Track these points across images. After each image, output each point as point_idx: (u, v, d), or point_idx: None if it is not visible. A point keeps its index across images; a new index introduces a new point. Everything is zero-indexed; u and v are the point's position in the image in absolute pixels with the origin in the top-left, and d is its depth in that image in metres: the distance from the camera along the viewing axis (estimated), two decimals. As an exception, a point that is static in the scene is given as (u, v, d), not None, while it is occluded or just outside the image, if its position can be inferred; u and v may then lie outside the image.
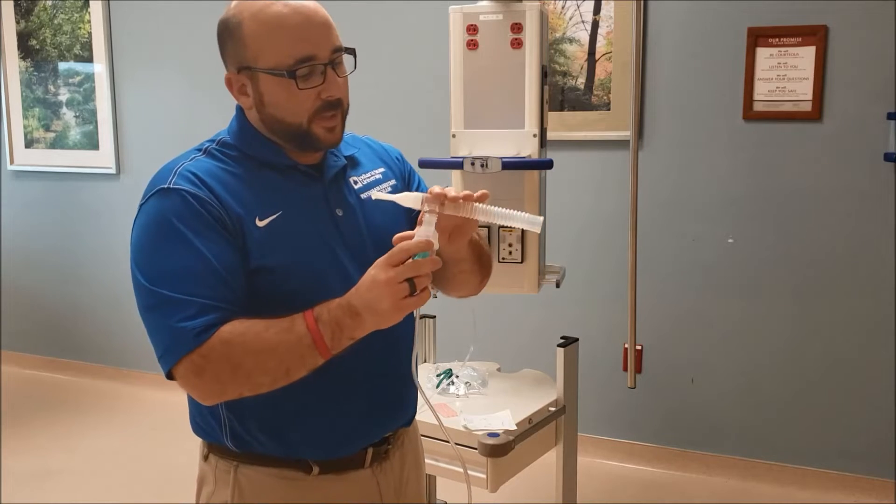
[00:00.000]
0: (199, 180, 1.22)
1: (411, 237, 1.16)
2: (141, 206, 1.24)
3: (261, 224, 1.23)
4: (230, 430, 1.31)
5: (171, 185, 1.21)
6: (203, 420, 1.35)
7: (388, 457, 1.40)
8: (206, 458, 1.38)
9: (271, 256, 1.23)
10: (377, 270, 1.13)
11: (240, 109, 1.33)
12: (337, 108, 1.27)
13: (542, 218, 1.21)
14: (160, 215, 1.21)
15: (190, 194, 1.20)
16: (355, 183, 1.37)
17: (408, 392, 1.43)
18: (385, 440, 1.40)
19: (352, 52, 1.29)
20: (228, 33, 1.25)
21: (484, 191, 1.21)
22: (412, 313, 1.18)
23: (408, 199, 1.21)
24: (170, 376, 1.19)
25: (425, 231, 1.17)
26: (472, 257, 1.38)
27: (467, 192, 1.20)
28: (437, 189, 1.19)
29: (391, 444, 1.41)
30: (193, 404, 1.35)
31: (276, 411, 1.29)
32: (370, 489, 1.38)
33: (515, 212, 1.20)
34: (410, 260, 1.12)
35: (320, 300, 1.19)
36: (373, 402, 1.35)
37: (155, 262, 1.19)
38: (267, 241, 1.23)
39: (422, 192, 1.21)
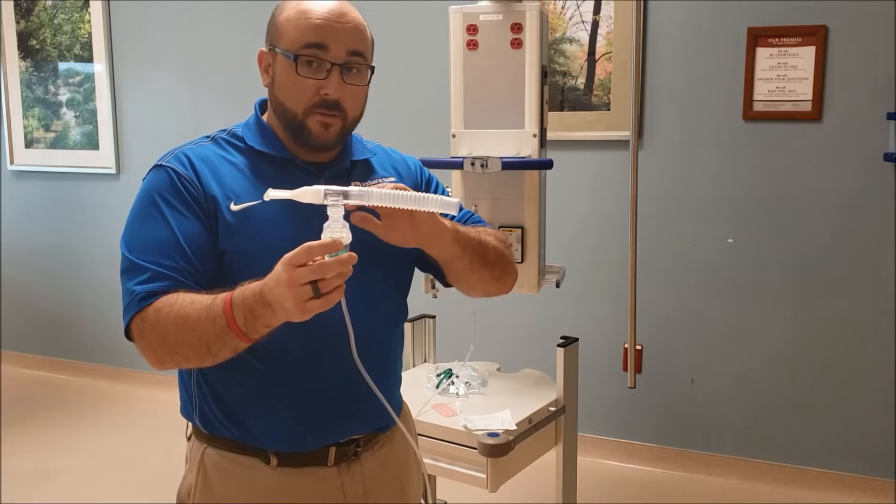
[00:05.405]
0: (188, 161, 1.30)
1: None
2: (142, 180, 1.33)
3: (234, 208, 1.27)
4: (199, 411, 1.36)
5: (164, 163, 1.31)
6: (183, 400, 1.40)
7: (357, 458, 1.39)
8: (188, 437, 1.43)
9: (234, 240, 1.27)
10: (281, 268, 1.06)
11: (258, 106, 1.40)
12: (334, 108, 1.29)
13: (457, 200, 1.16)
14: (147, 190, 1.30)
15: (175, 173, 1.29)
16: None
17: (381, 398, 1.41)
18: (354, 441, 1.38)
19: (370, 68, 1.35)
20: (273, 15, 1.35)
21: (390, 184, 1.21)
22: (390, 312, 1.17)
23: (306, 195, 1.11)
24: (129, 337, 1.24)
25: (331, 226, 1.08)
26: (464, 256, 1.34)
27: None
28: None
29: (360, 447, 1.39)
30: (180, 385, 1.40)
31: (236, 397, 1.32)
32: (333, 488, 1.37)
33: (425, 194, 1.13)
34: (317, 260, 1.04)
35: None
36: (332, 403, 1.34)
37: (133, 231, 1.28)
38: (235, 226, 1.27)
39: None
